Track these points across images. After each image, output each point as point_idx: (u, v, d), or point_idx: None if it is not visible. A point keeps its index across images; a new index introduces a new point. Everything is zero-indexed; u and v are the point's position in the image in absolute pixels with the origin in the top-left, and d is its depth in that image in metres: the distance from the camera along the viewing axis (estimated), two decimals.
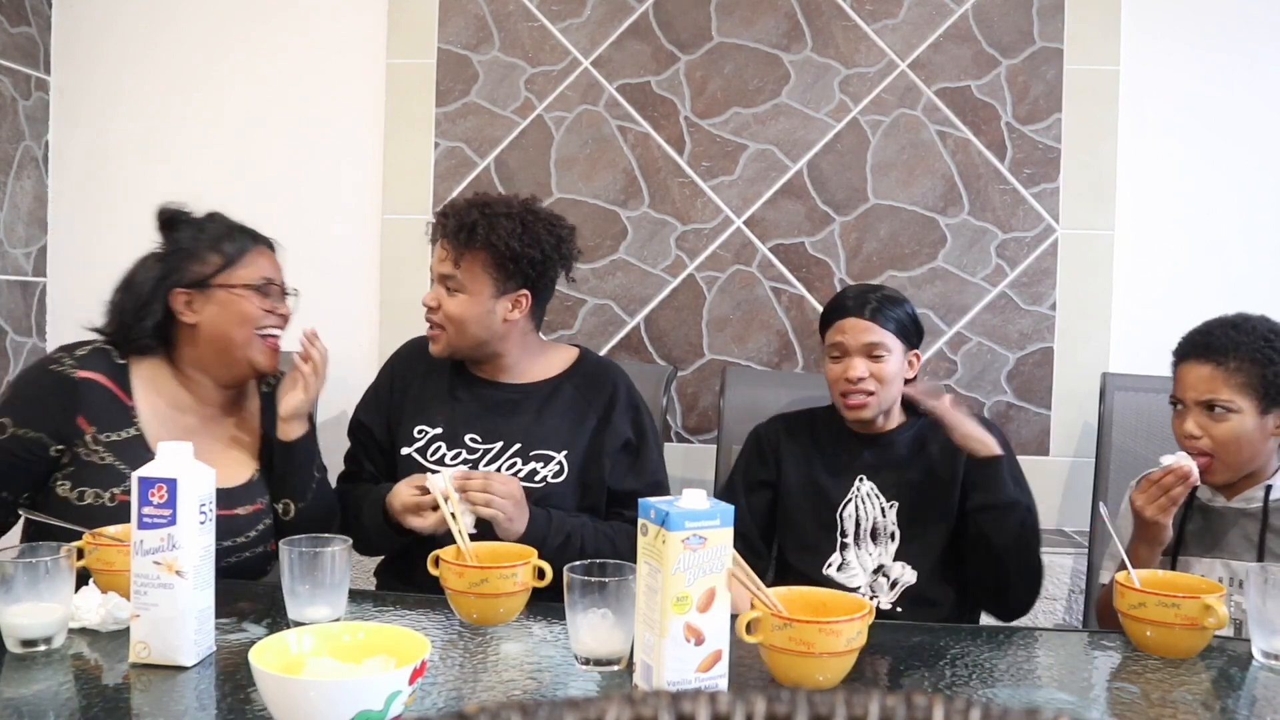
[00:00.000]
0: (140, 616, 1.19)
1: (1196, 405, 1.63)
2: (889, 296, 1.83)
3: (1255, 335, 1.61)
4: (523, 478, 1.77)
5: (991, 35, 2.46)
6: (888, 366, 1.79)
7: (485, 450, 1.80)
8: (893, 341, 1.80)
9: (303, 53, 2.61)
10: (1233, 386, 1.60)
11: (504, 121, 2.55)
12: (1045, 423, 2.47)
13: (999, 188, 2.47)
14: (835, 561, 1.81)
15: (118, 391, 1.62)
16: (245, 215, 1.96)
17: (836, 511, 1.83)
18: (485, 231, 1.74)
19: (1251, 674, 1.28)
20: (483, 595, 1.37)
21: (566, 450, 1.80)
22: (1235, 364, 1.60)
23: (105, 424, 1.59)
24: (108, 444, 1.58)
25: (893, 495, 1.82)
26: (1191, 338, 1.68)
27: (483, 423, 1.81)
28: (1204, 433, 1.62)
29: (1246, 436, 1.60)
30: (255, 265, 1.71)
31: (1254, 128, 2.44)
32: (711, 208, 2.51)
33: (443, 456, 1.79)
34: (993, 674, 1.26)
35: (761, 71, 2.50)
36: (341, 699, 0.95)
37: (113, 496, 1.56)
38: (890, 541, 1.80)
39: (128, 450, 1.58)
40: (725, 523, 1.11)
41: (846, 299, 1.83)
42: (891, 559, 1.79)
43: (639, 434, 1.87)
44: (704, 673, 1.11)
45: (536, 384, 1.86)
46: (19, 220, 2.60)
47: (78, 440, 1.57)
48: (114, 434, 1.59)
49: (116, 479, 1.56)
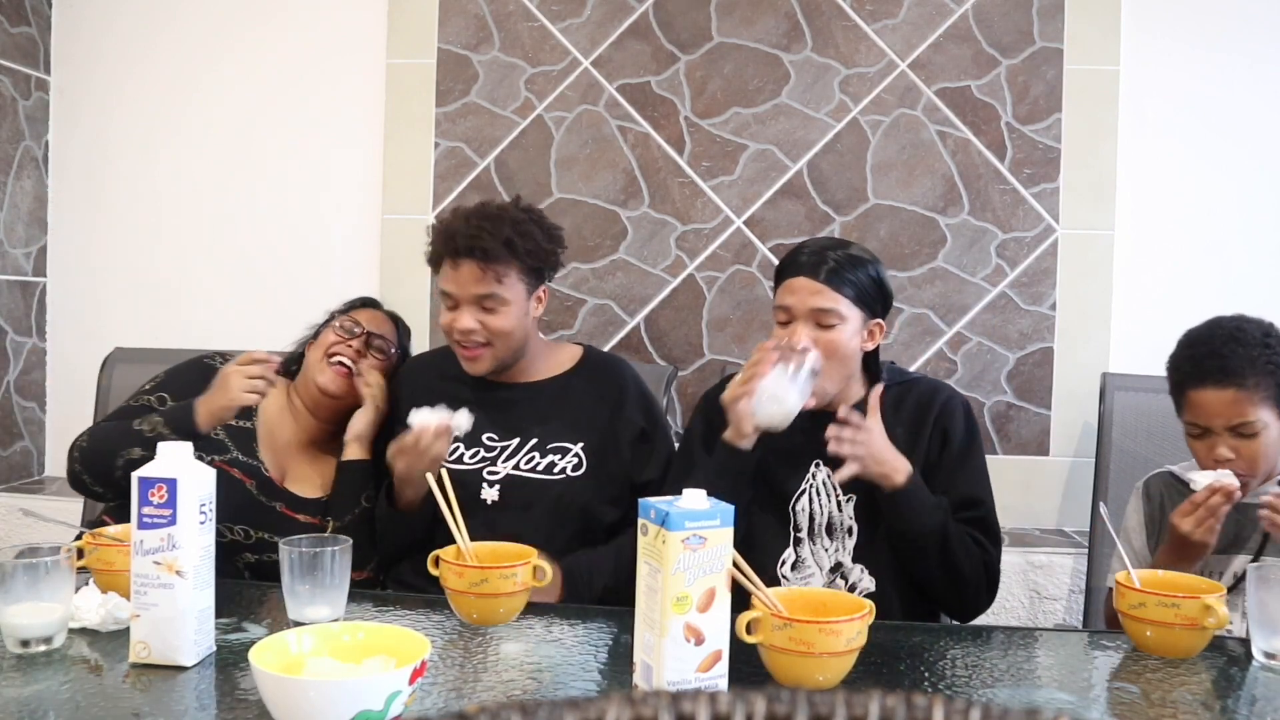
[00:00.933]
0: (140, 616, 1.19)
1: (1226, 430, 1.59)
2: (852, 256, 1.63)
3: (1258, 344, 1.58)
4: (541, 471, 1.79)
5: (991, 35, 2.46)
6: (839, 335, 1.60)
7: (503, 447, 1.81)
8: (848, 309, 1.60)
9: (302, 53, 2.61)
10: (1257, 403, 1.57)
11: (504, 121, 2.55)
12: (1045, 423, 2.47)
13: (999, 188, 2.47)
14: (789, 558, 1.67)
15: None
16: (245, 215, 1.98)
17: (789, 503, 1.68)
18: (521, 242, 1.74)
19: (1251, 674, 1.28)
20: (483, 595, 1.37)
21: (583, 442, 1.82)
22: (1254, 380, 1.57)
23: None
24: (226, 427, 1.81)
25: (849, 488, 1.64)
26: (1200, 361, 1.61)
27: (498, 421, 1.83)
28: (1237, 454, 1.58)
29: (1274, 444, 1.60)
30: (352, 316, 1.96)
31: (1254, 128, 2.44)
32: (711, 208, 2.51)
33: (461, 455, 1.81)
34: (993, 674, 1.26)
35: (761, 71, 2.50)
36: (341, 699, 0.95)
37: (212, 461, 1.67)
38: (848, 537, 1.65)
39: (239, 435, 1.83)
40: (725, 523, 1.11)
41: (800, 254, 1.64)
42: (849, 557, 1.65)
43: (651, 424, 1.88)
44: (704, 673, 1.11)
45: (546, 381, 1.88)
46: (19, 220, 2.60)
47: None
48: (234, 421, 1.81)
49: (219, 449, 1.79)
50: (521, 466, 1.80)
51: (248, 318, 2.62)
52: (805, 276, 1.61)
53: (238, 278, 2.65)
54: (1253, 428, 1.58)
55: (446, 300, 1.79)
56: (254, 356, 1.71)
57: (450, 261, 1.75)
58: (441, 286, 1.79)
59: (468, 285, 1.74)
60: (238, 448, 1.82)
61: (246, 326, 2.54)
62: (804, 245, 1.67)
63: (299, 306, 2.05)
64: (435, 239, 1.79)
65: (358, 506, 1.80)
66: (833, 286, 1.60)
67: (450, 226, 1.77)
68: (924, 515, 1.57)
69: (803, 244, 1.68)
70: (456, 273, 1.75)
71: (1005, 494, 2.45)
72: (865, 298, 1.63)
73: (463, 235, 1.73)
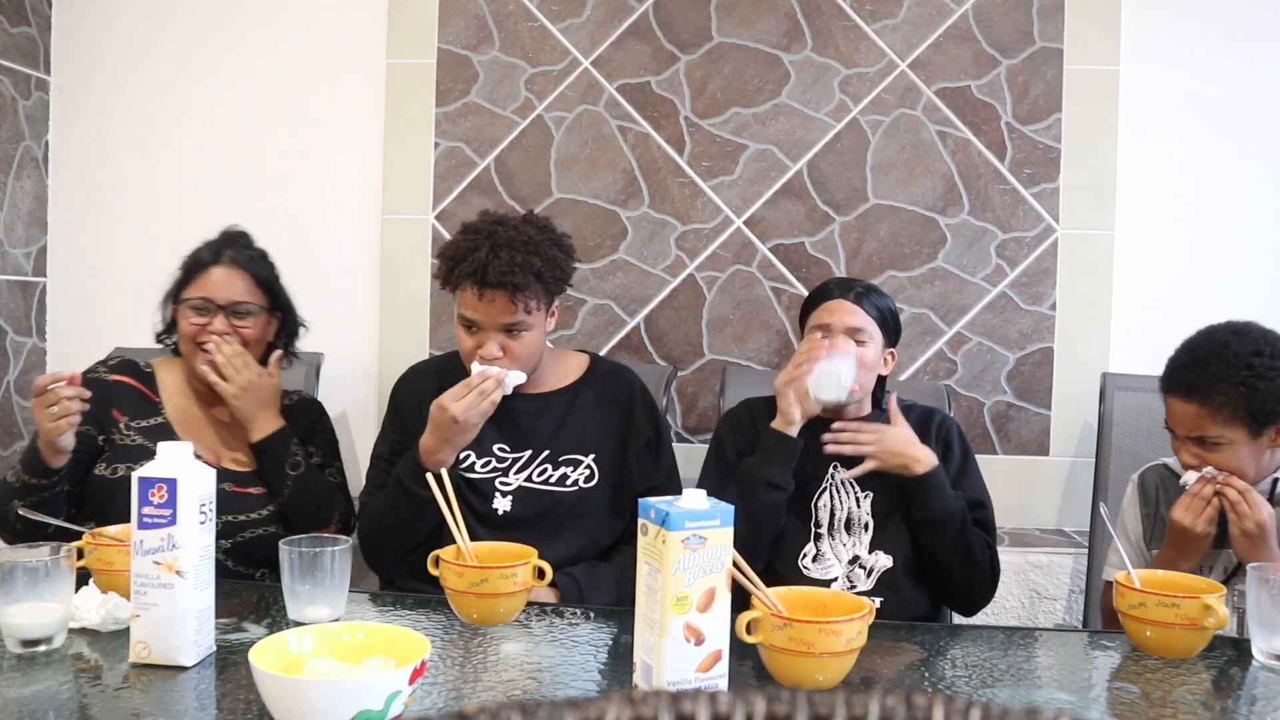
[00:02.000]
0: (140, 616, 1.19)
1: (1189, 439, 1.62)
2: (873, 287, 1.86)
3: (1238, 365, 1.57)
4: (554, 483, 1.80)
5: (991, 35, 2.46)
6: (868, 351, 1.79)
7: (515, 458, 1.82)
8: (874, 329, 1.80)
9: (302, 52, 2.61)
10: (1220, 422, 1.58)
11: (504, 121, 2.55)
12: (1045, 423, 2.47)
13: (999, 188, 2.47)
14: (810, 553, 1.78)
15: (145, 390, 1.89)
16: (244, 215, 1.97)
17: (811, 500, 1.80)
18: (549, 270, 1.74)
19: (1251, 674, 1.28)
20: (483, 595, 1.37)
21: (594, 453, 1.83)
22: (1219, 399, 1.57)
23: (135, 414, 1.85)
24: (139, 429, 1.83)
25: (867, 486, 1.79)
26: (1174, 372, 1.65)
27: (509, 432, 1.83)
28: (1201, 461, 1.61)
29: (1244, 458, 1.60)
30: (197, 284, 1.87)
31: (1254, 128, 2.44)
32: (711, 208, 2.51)
33: (472, 465, 1.80)
34: (993, 674, 1.26)
35: (761, 71, 2.50)
36: (341, 699, 0.95)
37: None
38: (864, 532, 1.78)
39: (156, 434, 1.80)
40: (725, 523, 1.11)
41: (830, 285, 1.85)
42: (866, 550, 1.77)
43: (656, 431, 1.91)
44: (704, 673, 1.11)
45: (556, 392, 1.89)
46: (19, 220, 2.60)
47: (114, 429, 1.83)
48: (143, 421, 1.84)
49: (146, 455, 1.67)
50: (534, 479, 1.81)
51: None
52: (840, 298, 1.81)
53: None
54: (1215, 441, 1.59)
55: (468, 326, 1.76)
56: (42, 384, 1.63)
57: (476, 290, 1.72)
58: (463, 313, 1.75)
59: (495, 316, 1.73)
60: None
61: None
62: (828, 280, 1.89)
63: (299, 306, 2.05)
64: (456, 265, 1.73)
65: (287, 479, 1.83)
66: (863, 308, 1.80)
67: (476, 258, 1.70)
68: (948, 499, 1.73)
69: (826, 280, 1.90)
70: (483, 303, 1.72)
71: (1005, 494, 2.46)
72: (885, 323, 1.83)
73: (494, 270, 1.69)
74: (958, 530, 1.72)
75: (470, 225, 1.79)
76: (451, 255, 1.75)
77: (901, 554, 1.77)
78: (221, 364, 1.81)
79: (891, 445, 1.74)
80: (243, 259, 1.90)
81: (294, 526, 1.79)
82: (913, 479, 1.73)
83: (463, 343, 1.79)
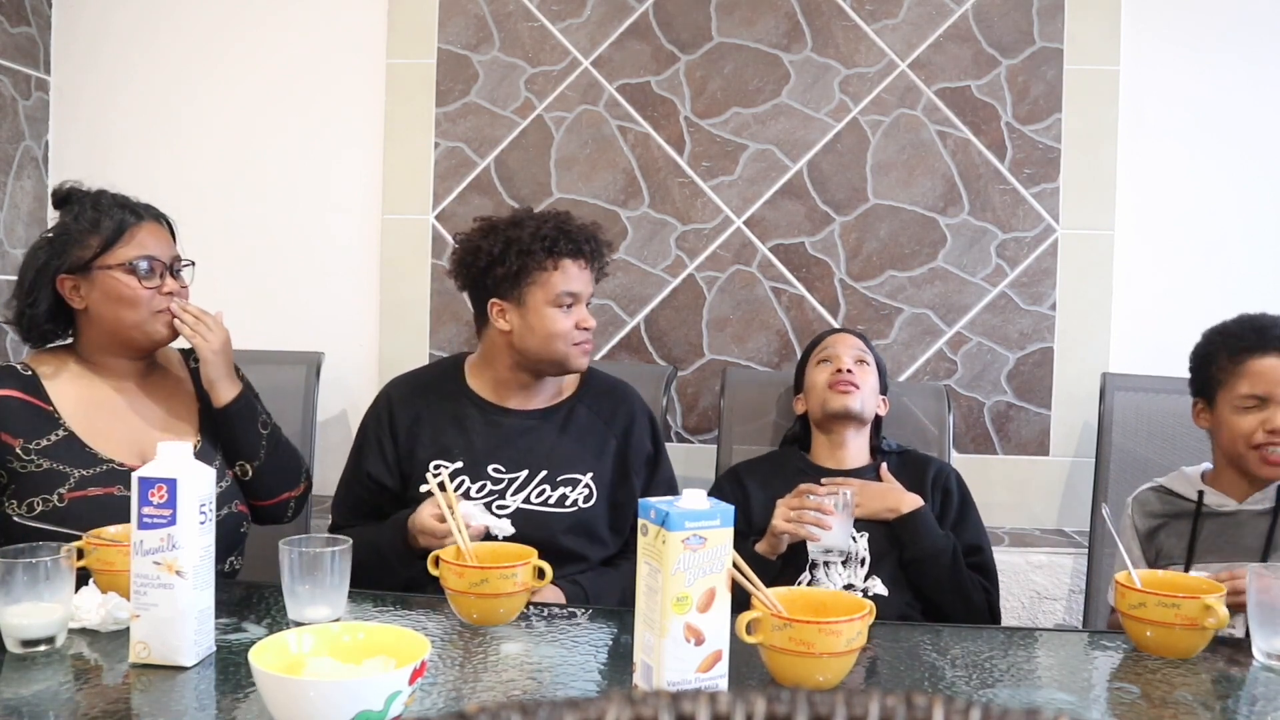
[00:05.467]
0: (140, 616, 1.19)
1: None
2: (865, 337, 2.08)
3: None
4: (553, 504, 1.76)
5: (991, 35, 2.46)
6: (870, 379, 1.96)
7: (511, 480, 1.77)
8: (873, 361, 2.00)
9: (303, 52, 2.61)
10: None
11: (504, 121, 2.55)
12: (1045, 423, 2.47)
13: (999, 188, 2.47)
14: (804, 580, 1.80)
15: (34, 401, 1.58)
16: (245, 215, 1.97)
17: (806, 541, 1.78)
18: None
19: (1251, 674, 1.28)
20: (483, 595, 1.37)
21: (592, 472, 1.80)
22: None
23: (30, 434, 1.56)
24: (40, 450, 1.55)
25: (863, 525, 1.83)
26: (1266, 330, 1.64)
27: (504, 452, 1.78)
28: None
29: None
30: (135, 243, 1.61)
31: (1254, 128, 2.44)
32: (711, 208, 2.51)
33: (467, 490, 1.75)
34: (993, 674, 1.26)
35: (761, 71, 2.50)
36: (341, 699, 0.95)
37: (61, 497, 1.54)
38: (860, 566, 1.83)
39: (62, 451, 1.56)
40: (725, 523, 1.11)
41: (832, 328, 2.05)
42: (861, 580, 1.82)
43: (656, 445, 1.90)
44: (704, 673, 1.11)
45: (549, 408, 1.84)
46: (19, 220, 2.60)
47: (9, 457, 1.54)
48: (42, 440, 1.56)
49: (59, 479, 1.55)
50: (533, 500, 1.76)
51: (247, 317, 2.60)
52: (845, 334, 2.05)
53: (237, 278, 2.64)
54: None
55: (566, 300, 1.75)
56: None
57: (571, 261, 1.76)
58: (567, 289, 1.75)
59: (589, 284, 1.81)
60: (75, 463, 1.55)
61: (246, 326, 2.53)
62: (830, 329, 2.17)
63: (299, 306, 2.05)
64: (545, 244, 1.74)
65: (261, 440, 1.71)
66: (866, 344, 2.04)
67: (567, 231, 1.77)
68: (936, 537, 1.81)
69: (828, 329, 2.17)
70: (585, 272, 1.80)
71: (1005, 494, 2.46)
72: (880, 367, 2.03)
73: (579, 236, 1.78)
74: (947, 567, 1.78)
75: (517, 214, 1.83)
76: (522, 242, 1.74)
77: (898, 591, 1.80)
78: (192, 324, 1.63)
79: (873, 494, 1.85)
80: (159, 214, 1.69)
81: (268, 490, 1.72)
82: (898, 520, 1.82)
83: (559, 324, 1.75)
